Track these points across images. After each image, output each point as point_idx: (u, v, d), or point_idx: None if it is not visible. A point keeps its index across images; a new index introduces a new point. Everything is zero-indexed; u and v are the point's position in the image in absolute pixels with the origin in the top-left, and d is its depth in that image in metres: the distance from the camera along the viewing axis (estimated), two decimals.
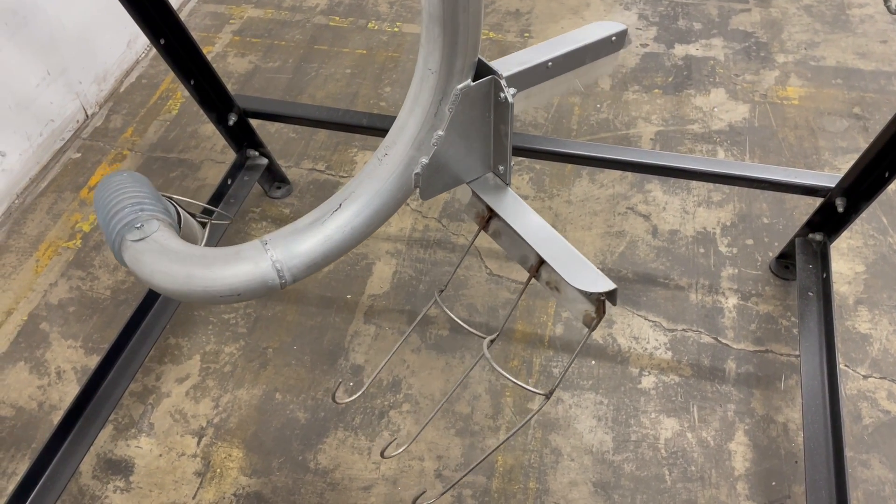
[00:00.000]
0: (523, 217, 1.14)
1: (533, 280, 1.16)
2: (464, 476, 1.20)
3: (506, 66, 1.09)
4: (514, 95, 1.03)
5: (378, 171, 1.04)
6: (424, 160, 1.06)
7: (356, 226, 1.02)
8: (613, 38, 1.17)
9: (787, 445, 1.61)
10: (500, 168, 1.15)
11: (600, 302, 1.06)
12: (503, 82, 1.02)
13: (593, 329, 1.08)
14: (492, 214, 1.19)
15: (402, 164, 1.05)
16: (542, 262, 1.13)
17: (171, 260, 0.95)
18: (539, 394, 1.17)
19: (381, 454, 1.31)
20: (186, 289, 0.94)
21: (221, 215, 1.18)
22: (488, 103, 1.06)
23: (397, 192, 1.06)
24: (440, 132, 1.04)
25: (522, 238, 1.11)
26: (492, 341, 1.19)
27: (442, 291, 1.24)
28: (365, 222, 1.03)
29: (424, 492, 1.55)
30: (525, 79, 1.11)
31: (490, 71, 1.02)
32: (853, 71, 2.44)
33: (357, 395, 1.36)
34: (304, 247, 0.99)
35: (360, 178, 1.04)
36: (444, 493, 1.46)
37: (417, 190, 1.08)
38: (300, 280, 1.01)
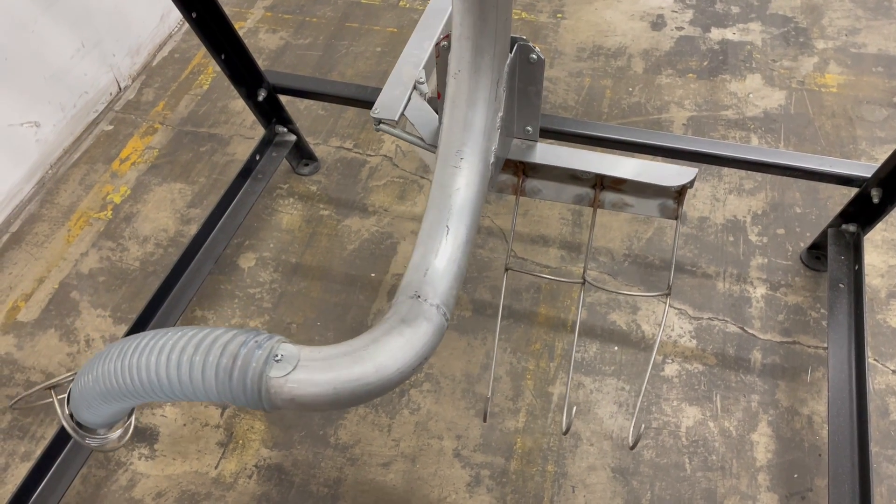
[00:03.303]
0: (569, 157, 1.19)
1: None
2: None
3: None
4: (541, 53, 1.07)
5: (462, 179, 1.03)
6: (494, 147, 1.07)
7: (468, 239, 1.02)
8: None
9: (811, 438, 1.59)
10: (529, 129, 1.17)
11: (682, 191, 1.12)
12: (531, 44, 1.04)
13: (681, 217, 1.17)
14: (524, 176, 1.21)
15: (481, 161, 1.05)
16: (601, 189, 1.17)
17: (347, 366, 0.84)
18: (658, 295, 1.28)
19: (565, 433, 1.26)
20: (380, 383, 0.85)
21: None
22: (514, 71, 1.09)
23: (482, 189, 1.06)
24: (501, 113, 1.05)
25: (582, 170, 1.16)
26: (584, 280, 1.23)
27: (507, 269, 1.25)
28: (471, 231, 1.03)
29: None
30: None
31: (513, 39, 1.05)
32: (895, 59, 2.37)
33: (489, 406, 1.34)
34: (445, 280, 0.96)
35: (444, 192, 1.03)
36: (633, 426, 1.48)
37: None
38: None
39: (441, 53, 1.16)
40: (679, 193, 1.17)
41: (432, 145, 1.28)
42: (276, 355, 0.83)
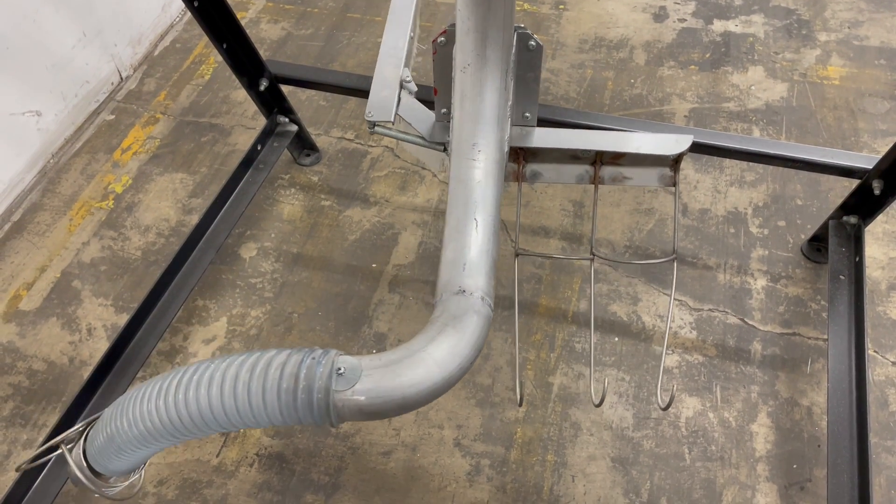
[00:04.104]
0: (568, 138, 1.22)
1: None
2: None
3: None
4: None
5: (481, 171, 1.05)
6: (507, 136, 1.08)
7: (496, 229, 1.04)
8: None
9: (811, 429, 1.59)
10: (528, 115, 1.20)
11: (678, 158, 1.18)
12: (529, 31, 1.06)
13: (678, 183, 1.21)
14: (524, 162, 1.23)
15: (497, 151, 1.07)
16: (600, 166, 1.23)
17: (410, 369, 0.84)
18: (665, 260, 1.32)
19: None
20: (444, 381, 0.86)
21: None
22: (515, 58, 1.11)
23: (501, 178, 1.09)
24: (510, 102, 1.07)
25: (581, 149, 1.20)
26: (592, 254, 1.25)
27: (517, 254, 1.27)
28: (497, 221, 1.05)
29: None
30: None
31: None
32: None
33: (522, 390, 1.35)
34: (483, 272, 0.99)
35: (465, 186, 1.04)
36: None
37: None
38: None
39: (438, 50, 1.17)
40: (675, 161, 1.20)
41: (433, 142, 1.28)
42: (339, 369, 0.82)
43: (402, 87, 1.25)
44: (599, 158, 1.24)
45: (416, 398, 0.84)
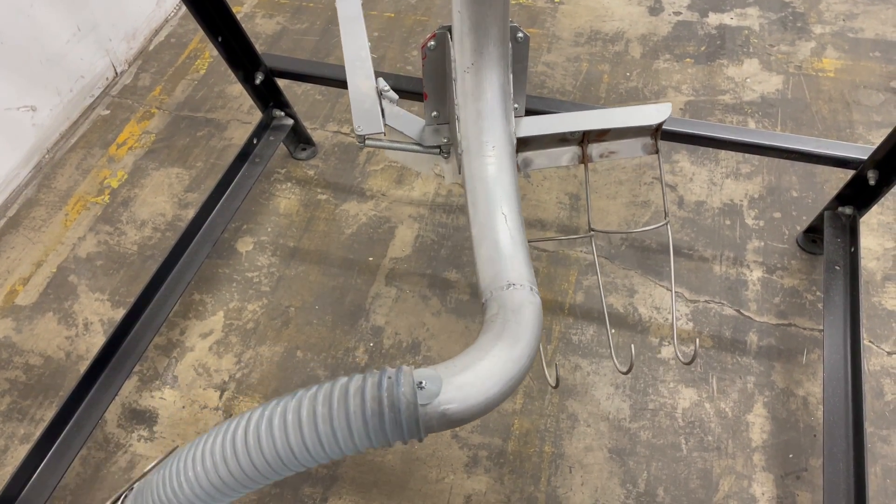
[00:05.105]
0: (556, 123, 1.26)
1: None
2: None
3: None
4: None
5: (496, 167, 1.07)
6: (513, 129, 1.10)
7: (521, 219, 1.07)
8: None
9: (807, 419, 1.60)
10: (516, 105, 1.22)
11: (657, 128, 1.25)
12: (516, 23, 1.10)
13: (660, 150, 1.28)
14: (518, 150, 1.26)
15: (509, 144, 1.10)
16: (587, 144, 1.27)
17: (488, 370, 0.86)
18: (659, 226, 1.34)
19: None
20: (519, 374, 0.88)
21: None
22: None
23: (515, 170, 1.12)
24: (512, 93, 1.09)
25: (567, 131, 1.24)
26: (591, 230, 1.29)
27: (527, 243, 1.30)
28: (520, 212, 1.08)
29: None
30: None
31: None
32: (892, 44, 2.37)
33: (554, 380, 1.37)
34: (522, 262, 1.01)
35: (485, 183, 1.06)
36: None
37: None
38: None
39: (428, 55, 1.17)
40: (656, 130, 1.27)
41: (431, 146, 1.28)
42: (420, 383, 0.82)
43: (381, 96, 1.25)
44: (586, 137, 1.28)
45: (498, 397, 0.85)
